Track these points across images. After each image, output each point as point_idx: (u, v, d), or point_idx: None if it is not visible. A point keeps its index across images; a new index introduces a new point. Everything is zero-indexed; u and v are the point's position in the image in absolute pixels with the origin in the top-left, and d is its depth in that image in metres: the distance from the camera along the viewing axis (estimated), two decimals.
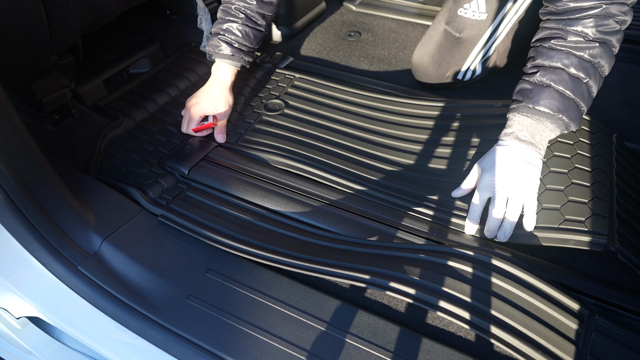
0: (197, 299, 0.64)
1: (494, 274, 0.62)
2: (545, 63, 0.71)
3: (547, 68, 0.71)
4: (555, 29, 0.71)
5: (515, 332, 0.56)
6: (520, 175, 0.70)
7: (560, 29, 0.70)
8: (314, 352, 0.58)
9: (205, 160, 0.87)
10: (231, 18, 0.92)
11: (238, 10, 0.91)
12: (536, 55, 0.73)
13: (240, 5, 0.91)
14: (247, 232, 0.72)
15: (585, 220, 0.68)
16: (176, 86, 1.07)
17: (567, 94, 0.70)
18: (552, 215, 0.70)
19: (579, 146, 0.79)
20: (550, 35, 0.72)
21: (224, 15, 0.93)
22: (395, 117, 0.96)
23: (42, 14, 0.75)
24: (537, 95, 0.71)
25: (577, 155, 0.77)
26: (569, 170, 0.75)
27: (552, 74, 0.71)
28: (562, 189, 0.73)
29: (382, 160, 0.87)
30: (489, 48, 1.03)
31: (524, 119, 0.72)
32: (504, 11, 0.98)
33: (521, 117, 0.72)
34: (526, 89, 0.73)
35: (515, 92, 0.76)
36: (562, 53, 0.70)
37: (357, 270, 0.63)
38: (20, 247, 0.64)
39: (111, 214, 0.74)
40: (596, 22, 0.68)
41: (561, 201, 0.71)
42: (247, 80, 1.08)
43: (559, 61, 0.70)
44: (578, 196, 0.71)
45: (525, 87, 0.74)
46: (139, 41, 1.14)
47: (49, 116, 0.91)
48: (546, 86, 0.71)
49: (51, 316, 0.69)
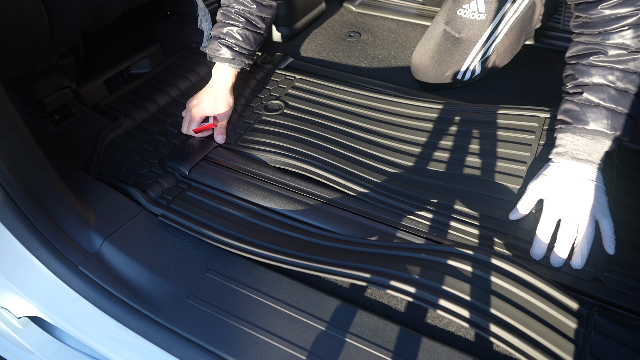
0: (198, 298, 0.64)
1: (494, 273, 0.62)
2: (588, 81, 0.69)
3: (591, 86, 0.69)
4: (592, 44, 0.69)
5: (515, 330, 0.56)
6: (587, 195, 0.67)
7: (598, 43, 0.68)
8: (314, 351, 0.58)
9: (205, 161, 0.87)
10: (231, 22, 0.92)
11: (238, 14, 0.92)
12: (576, 74, 0.71)
13: (240, 9, 0.92)
14: (248, 231, 0.72)
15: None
16: (177, 87, 1.07)
17: (618, 110, 0.68)
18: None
19: None
20: (587, 51, 0.69)
21: (223, 19, 0.93)
22: (395, 118, 0.97)
23: (43, 15, 0.75)
24: (586, 116, 0.69)
25: None
26: None
27: (599, 92, 0.68)
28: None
29: (382, 161, 0.88)
30: (488, 48, 1.03)
31: (578, 139, 0.70)
32: (503, 11, 0.99)
33: (574, 137, 0.70)
34: (573, 110, 0.71)
35: (561, 112, 0.73)
36: (604, 69, 0.68)
37: (357, 269, 0.63)
38: (22, 247, 0.64)
39: (112, 214, 0.74)
40: (635, 32, 0.65)
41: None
42: (248, 81, 1.08)
43: (603, 78, 0.68)
44: None
45: (572, 108, 0.71)
46: (139, 42, 1.14)
47: (49, 116, 0.91)
48: (595, 105, 0.69)
49: (52, 316, 0.69)
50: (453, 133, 0.91)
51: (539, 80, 1.10)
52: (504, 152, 0.85)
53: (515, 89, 1.08)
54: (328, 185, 0.82)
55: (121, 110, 0.98)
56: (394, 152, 0.89)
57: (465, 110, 0.95)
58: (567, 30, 1.21)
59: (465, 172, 0.83)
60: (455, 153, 0.87)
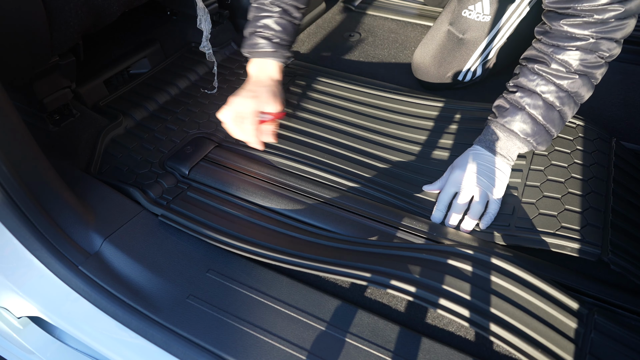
0: (198, 298, 0.64)
1: (494, 272, 0.62)
2: (525, 85, 0.74)
3: (525, 90, 0.74)
4: (542, 53, 0.73)
5: (515, 330, 0.56)
6: (486, 177, 0.74)
7: (547, 53, 0.72)
8: (314, 351, 0.58)
9: (205, 160, 0.87)
10: (267, 13, 0.89)
11: (273, 4, 0.88)
12: (520, 74, 0.76)
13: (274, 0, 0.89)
14: (248, 231, 0.72)
15: (580, 229, 0.70)
16: (176, 85, 1.07)
17: (538, 119, 0.73)
18: (549, 221, 0.72)
19: (576, 155, 0.80)
20: (536, 57, 0.74)
21: (258, 12, 0.90)
22: (396, 115, 0.97)
23: (43, 15, 0.75)
24: (510, 115, 0.75)
25: (574, 165, 0.79)
26: (566, 180, 0.77)
27: (528, 97, 0.73)
28: (559, 198, 0.74)
29: (382, 160, 0.88)
30: (490, 50, 1.03)
31: (496, 133, 0.77)
32: (507, 13, 0.99)
33: (494, 131, 0.77)
34: (503, 106, 0.77)
35: (494, 105, 0.79)
36: (542, 79, 0.72)
37: (357, 269, 0.63)
38: (22, 247, 0.64)
39: (112, 214, 0.74)
40: (581, 55, 0.69)
41: (558, 209, 0.73)
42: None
43: (538, 86, 0.73)
44: (574, 205, 0.73)
45: (503, 104, 0.77)
46: (139, 41, 1.14)
47: (49, 116, 0.91)
48: (520, 108, 0.74)
49: (52, 316, 0.69)
50: (453, 132, 0.92)
51: None
52: None
53: None
54: (328, 185, 0.82)
55: (121, 110, 0.98)
56: (394, 151, 0.89)
57: (465, 108, 0.95)
58: None
59: None
60: (455, 152, 0.87)
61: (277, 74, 0.91)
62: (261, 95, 0.86)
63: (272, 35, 0.89)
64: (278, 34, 0.89)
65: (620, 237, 0.70)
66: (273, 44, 0.89)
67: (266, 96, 0.86)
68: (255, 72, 0.90)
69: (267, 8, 0.89)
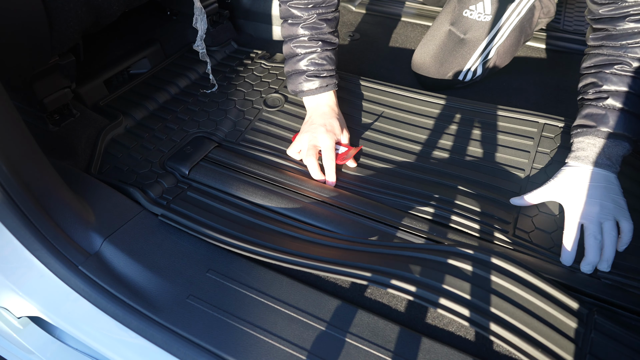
0: (198, 298, 0.64)
1: (494, 272, 0.62)
2: (613, 88, 0.72)
3: (615, 93, 0.72)
4: (614, 56, 0.72)
5: (515, 329, 0.56)
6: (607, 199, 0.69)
7: (620, 55, 0.71)
8: (314, 351, 0.58)
9: (205, 160, 0.87)
10: (307, 50, 0.89)
11: (313, 40, 0.88)
12: (599, 81, 0.73)
13: (312, 34, 0.88)
14: (248, 230, 0.72)
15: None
16: (176, 85, 1.07)
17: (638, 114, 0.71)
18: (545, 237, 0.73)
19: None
20: (610, 62, 0.72)
21: (299, 50, 0.89)
22: (396, 112, 0.97)
23: (43, 15, 0.75)
24: (611, 119, 0.71)
25: None
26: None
27: (622, 97, 0.71)
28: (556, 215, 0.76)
29: (382, 160, 0.88)
30: (490, 49, 1.03)
31: (600, 141, 0.72)
32: (507, 13, 0.99)
33: (596, 140, 0.72)
34: (597, 114, 0.73)
35: (582, 117, 0.75)
36: (628, 78, 0.71)
37: (358, 268, 0.63)
38: (22, 247, 0.64)
39: (112, 214, 0.74)
40: None
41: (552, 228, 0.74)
42: (247, 76, 1.09)
43: (627, 86, 0.71)
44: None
45: (596, 112, 0.73)
46: (139, 41, 1.14)
47: (50, 116, 0.91)
48: (619, 110, 0.71)
49: (52, 316, 0.69)
50: (453, 133, 0.92)
51: (539, 81, 1.10)
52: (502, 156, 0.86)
53: (515, 89, 1.08)
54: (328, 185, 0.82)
55: (121, 109, 0.98)
56: (394, 149, 0.89)
57: (465, 109, 0.95)
58: (566, 31, 1.21)
59: (463, 173, 0.84)
60: (455, 153, 0.88)
61: (335, 100, 0.92)
62: (335, 129, 0.87)
63: (319, 71, 0.89)
64: (325, 68, 0.89)
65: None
66: (322, 78, 0.89)
67: (338, 129, 0.87)
68: (314, 105, 0.91)
69: (307, 45, 0.88)
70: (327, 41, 0.89)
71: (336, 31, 0.92)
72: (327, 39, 0.89)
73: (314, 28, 0.88)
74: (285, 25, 0.90)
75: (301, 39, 0.88)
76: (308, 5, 0.87)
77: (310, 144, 0.84)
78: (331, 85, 0.90)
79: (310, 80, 0.89)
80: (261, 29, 1.30)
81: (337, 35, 0.92)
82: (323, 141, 0.84)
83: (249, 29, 1.32)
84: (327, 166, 0.83)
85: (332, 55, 0.91)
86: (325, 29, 0.88)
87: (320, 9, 0.87)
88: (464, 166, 0.85)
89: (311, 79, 0.89)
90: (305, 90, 0.90)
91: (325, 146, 0.84)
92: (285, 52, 0.92)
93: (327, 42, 0.89)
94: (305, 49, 0.89)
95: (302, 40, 0.88)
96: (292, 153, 0.88)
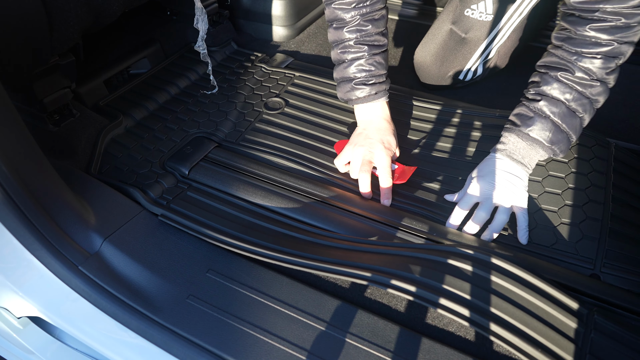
0: (198, 298, 0.64)
1: (494, 272, 0.62)
2: (549, 93, 0.73)
3: (549, 98, 0.73)
4: (565, 60, 0.71)
5: (515, 330, 0.56)
6: (510, 187, 0.74)
7: (570, 61, 0.71)
8: (314, 351, 0.58)
9: (205, 161, 0.87)
10: (355, 55, 0.84)
11: (359, 44, 0.84)
12: (541, 82, 0.74)
13: (358, 37, 0.83)
14: (248, 231, 0.72)
15: (576, 243, 0.71)
16: (176, 85, 1.07)
17: (562, 127, 0.73)
18: (546, 234, 0.73)
19: (573, 164, 0.81)
20: (558, 65, 0.72)
21: (346, 55, 0.85)
22: (397, 115, 0.97)
23: (43, 15, 0.75)
24: (535, 124, 0.74)
25: (572, 174, 0.80)
26: (563, 191, 0.78)
27: (553, 105, 0.72)
28: (556, 210, 0.76)
29: None
30: (491, 49, 1.03)
31: (519, 141, 0.75)
32: (509, 13, 0.99)
33: (516, 139, 0.75)
34: (526, 114, 0.75)
35: (514, 114, 0.77)
36: (566, 87, 0.72)
37: (358, 268, 0.63)
38: (21, 247, 0.64)
39: (112, 214, 0.74)
40: (603, 63, 0.69)
41: (555, 222, 0.74)
42: (247, 79, 1.08)
43: (562, 94, 0.72)
44: (570, 218, 0.74)
45: (525, 112, 0.75)
46: (139, 41, 1.14)
47: (49, 116, 0.91)
48: (545, 117, 0.73)
49: (52, 316, 0.69)
50: (452, 135, 0.92)
51: None
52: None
53: (515, 89, 1.08)
54: (328, 185, 0.82)
55: (120, 109, 0.98)
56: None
57: (464, 112, 0.96)
58: None
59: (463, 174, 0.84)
60: (454, 156, 0.88)
61: (387, 111, 0.88)
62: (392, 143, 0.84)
63: (367, 77, 0.85)
64: (374, 74, 0.85)
65: (618, 245, 0.70)
66: (371, 85, 0.85)
67: (393, 142, 0.84)
68: (369, 118, 0.87)
69: (354, 49, 0.84)
70: (373, 44, 0.84)
71: (385, 31, 0.87)
72: (374, 42, 0.84)
73: (358, 30, 0.83)
74: (331, 29, 0.86)
75: (347, 44, 0.84)
76: (351, 4, 0.82)
77: (365, 159, 0.81)
78: (381, 93, 0.86)
79: (358, 87, 0.85)
80: (261, 29, 1.30)
81: (385, 35, 0.86)
82: (380, 159, 0.81)
83: (249, 29, 1.32)
84: (383, 186, 0.80)
85: (381, 59, 0.86)
86: (371, 29, 0.83)
87: (364, 9, 0.82)
88: (463, 167, 0.85)
89: (359, 86, 0.85)
90: (354, 98, 0.86)
91: (382, 165, 0.80)
92: (333, 58, 0.88)
93: (373, 45, 0.84)
94: (351, 54, 0.84)
95: (348, 45, 0.84)
96: (340, 164, 0.85)
